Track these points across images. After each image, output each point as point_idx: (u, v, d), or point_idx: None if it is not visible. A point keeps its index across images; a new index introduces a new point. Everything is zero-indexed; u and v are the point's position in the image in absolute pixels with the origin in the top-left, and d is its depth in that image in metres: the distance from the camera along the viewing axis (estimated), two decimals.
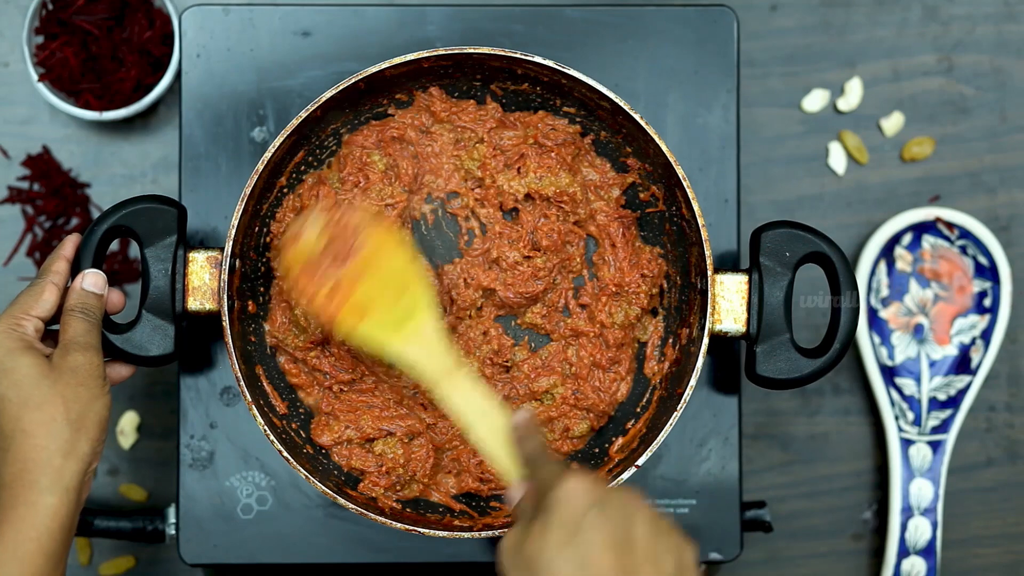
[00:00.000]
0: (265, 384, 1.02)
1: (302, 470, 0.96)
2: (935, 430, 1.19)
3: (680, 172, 0.98)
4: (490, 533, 0.97)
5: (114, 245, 1.19)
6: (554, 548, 0.78)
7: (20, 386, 0.91)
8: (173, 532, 1.09)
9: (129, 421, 1.19)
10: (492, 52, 0.99)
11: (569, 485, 0.80)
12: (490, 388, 0.93)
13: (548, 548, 0.78)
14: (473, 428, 0.91)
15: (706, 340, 0.98)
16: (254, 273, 1.03)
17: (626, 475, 0.97)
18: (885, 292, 1.19)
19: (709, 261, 0.98)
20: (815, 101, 1.22)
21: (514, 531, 0.82)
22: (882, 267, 1.19)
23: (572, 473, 0.81)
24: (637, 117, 0.98)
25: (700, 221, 0.98)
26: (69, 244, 0.98)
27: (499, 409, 0.91)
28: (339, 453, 1.01)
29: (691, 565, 0.80)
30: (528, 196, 1.03)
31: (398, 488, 1.01)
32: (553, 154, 1.03)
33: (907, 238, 1.19)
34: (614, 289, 1.03)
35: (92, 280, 0.96)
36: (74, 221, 1.20)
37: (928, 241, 1.19)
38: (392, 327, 0.95)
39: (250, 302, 1.02)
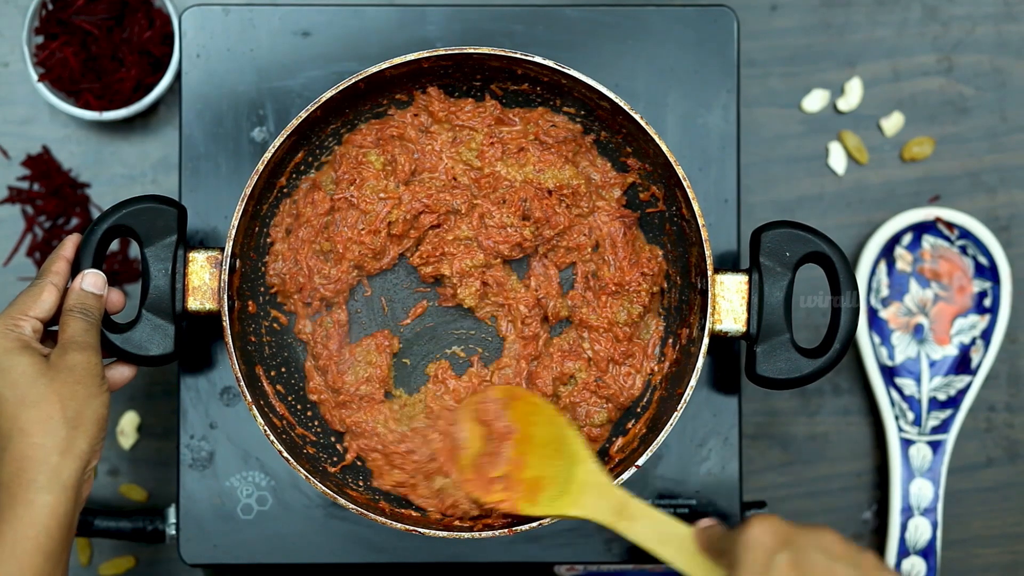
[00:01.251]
0: (265, 384, 1.02)
1: (302, 470, 0.96)
2: (935, 430, 1.19)
3: (680, 172, 0.98)
4: (490, 533, 0.97)
5: (114, 245, 1.19)
6: None
7: (17, 385, 0.91)
8: (173, 532, 1.09)
9: (129, 421, 1.19)
10: (492, 52, 0.99)
11: (752, 528, 0.79)
12: (665, 514, 0.94)
13: None
14: (659, 551, 0.92)
15: (706, 340, 0.98)
16: (254, 273, 1.03)
17: (626, 475, 0.97)
18: (885, 292, 1.19)
19: (709, 261, 0.98)
20: (815, 101, 1.22)
21: None
22: (882, 267, 1.19)
23: (754, 517, 0.81)
24: (637, 117, 0.98)
25: (700, 221, 0.98)
26: (69, 244, 0.98)
27: (676, 523, 0.92)
28: (396, 490, 1.03)
29: None
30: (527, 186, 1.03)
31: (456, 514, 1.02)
32: (553, 150, 1.03)
33: (907, 238, 1.19)
34: (614, 288, 1.03)
35: (92, 280, 0.96)
36: (74, 221, 1.20)
37: (928, 241, 1.19)
38: (564, 494, 0.96)
39: (250, 302, 1.02)
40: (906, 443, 1.19)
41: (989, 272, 1.19)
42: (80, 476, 0.91)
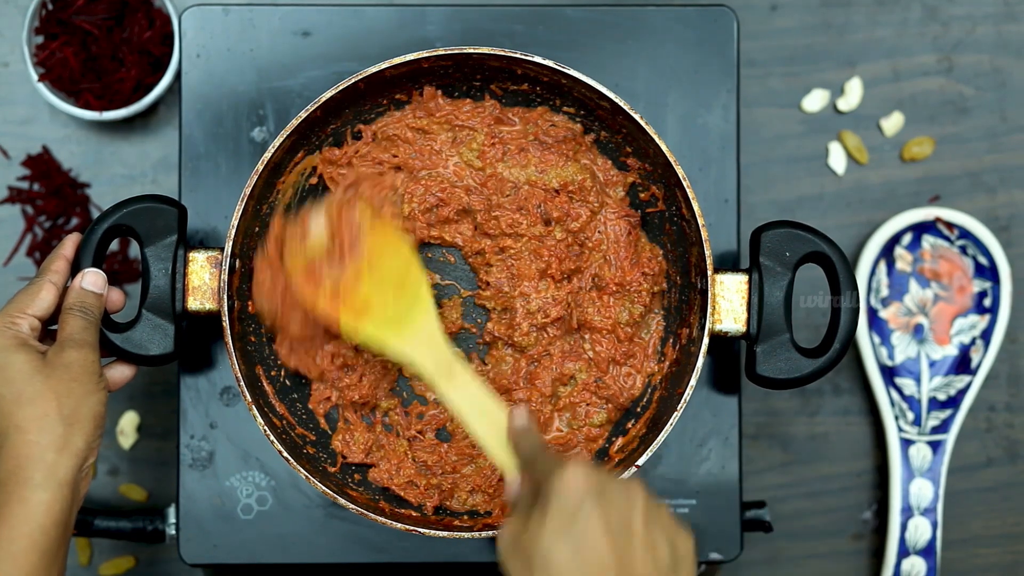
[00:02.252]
0: (265, 384, 1.02)
1: (302, 470, 0.96)
2: (935, 430, 1.19)
3: (680, 172, 0.98)
4: (490, 533, 0.97)
5: (114, 245, 1.19)
6: (551, 535, 0.78)
7: (13, 382, 0.91)
8: (173, 532, 1.09)
9: (129, 421, 1.19)
10: (492, 52, 0.99)
11: (567, 473, 0.80)
12: (486, 386, 0.93)
13: (545, 535, 0.78)
14: (472, 424, 0.92)
15: (706, 340, 0.98)
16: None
17: (626, 475, 0.97)
18: (885, 292, 1.19)
19: (709, 261, 0.98)
20: (815, 101, 1.22)
21: (512, 521, 0.82)
22: (882, 267, 1.19)
23: (571, 462, 0.81)
24: (637, 117, 0.98)
25: (700, 221, 0.98)
26: (69, 243, 0.98)
27: (497, 405, 0.92)
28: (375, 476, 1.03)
29: (688, 553, 0.81)
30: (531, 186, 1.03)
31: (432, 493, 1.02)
32: (553, 149, 1.03)
33: (907, 238, 1.19)
34: (615, 288, 1.03)
35: (91, 279, 0.96)
36: (74, 221, 1.20)
37: (928, 241, 1.19)
38: (392, 325, 0.95)
39: (250, 303, 1.02)
40: (906, 443, 1.19)
41: (989, 272, 1.19)
42: (77, 474, 0.91)
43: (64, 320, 0.95)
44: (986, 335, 1.19)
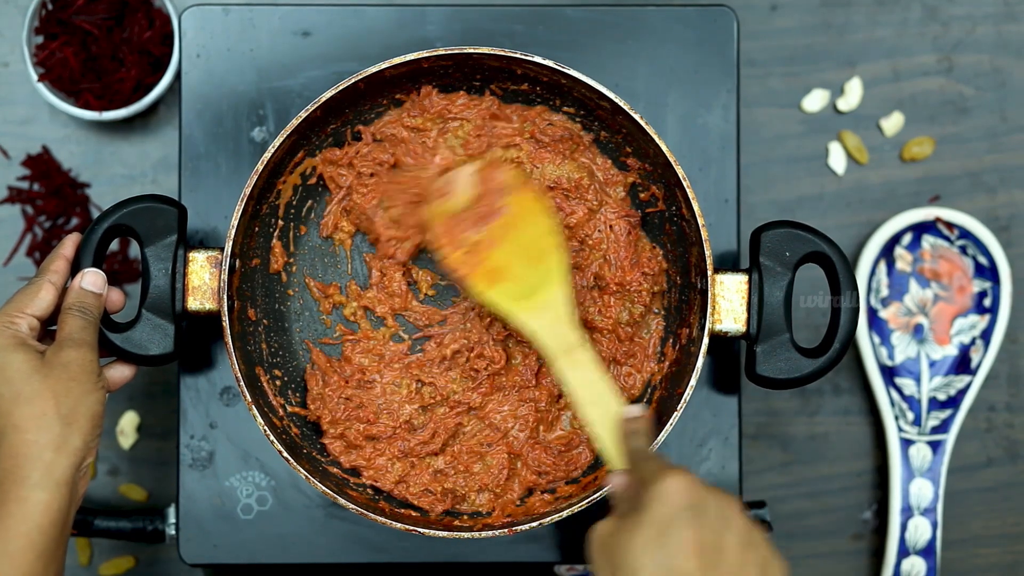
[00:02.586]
0: (265, 384, 1.02)
1: (302, 470, 0.96)
2: (935, 430, 1.19)
3: (680, 172, 0.98)
4: (490, 533, 0.97)
5: (114, 245, 1.19)
6: (642, 546, 0.77)
7: (11, 381, 0.91)
8: (173, 532, 1.09)
9: (129, 421, 1.19)
10: (492, 52, 0.99)
11: (667, 483, 0.79)
12: (608, 374, 0.92)
13: (635, 544, 0.78)
14: (584, 409, 0.91)
15: (706, 340, 0.98)
16: (252, 274, 1.03)
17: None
18: (885, 292, 1.19)
19: (709, 261, 0.98)
20: (815, 101, 1.22)
21: (607, 521, 0.82)
22: (882, 267, 1.19)
23: (673, 471, 0.80)
24: (637, 117, 0.98)
25: (700, 221, 0.98)
26: (69, 243, 0.98)
27: (614, 396, 0.91)
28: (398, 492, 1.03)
29: None
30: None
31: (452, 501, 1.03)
32: (550, 148, 1.03)
33: (907, 238, 1.19)
34: (615, 288, 1.03)
35: (91, 279, 0.96)
36: (74, 221, 1.20)
37: (928, 241, 1.19)
38: (523, 295, 0.95)
39: (250, 309, 1.02)
40: (906, 443, 1.19)
41: (989, 272, 1.19)
42: (74, 473, 0.91)
43: (63, 320, 0.95)
44: (986, 335, 1.19)
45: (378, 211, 1.03)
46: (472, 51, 0.99)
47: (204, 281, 0.99)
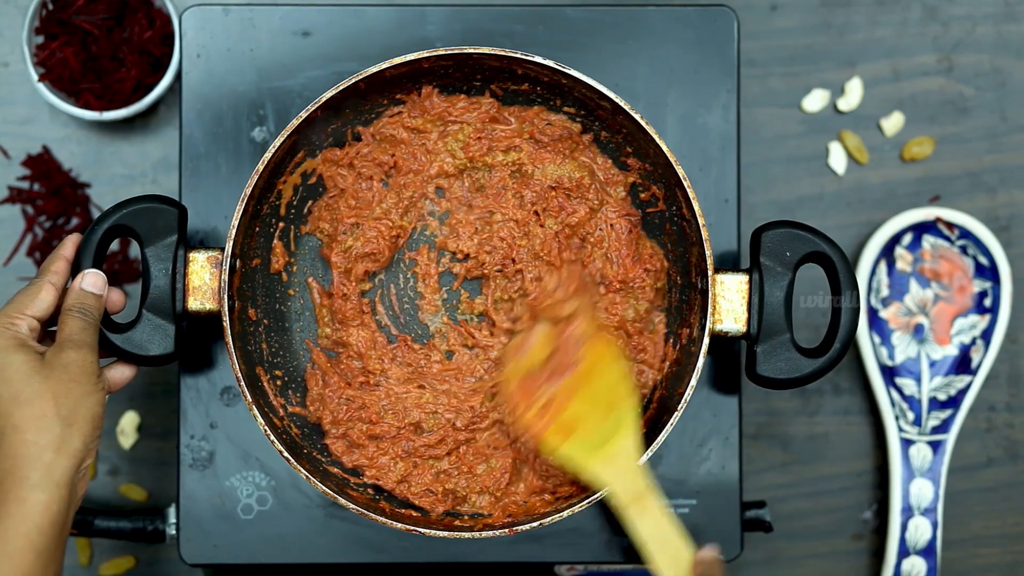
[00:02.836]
0: (265, 384, 1.02)
1: (302, 470, 0.96)
2: (935, 430, 1.19)
3: (680, 172, 0.98)
4: (491, 533, 0.97)
5: (114, 245, 1.19)
6: None
7: (11, 382, 0.91)
8: (173, 532, 1.09)
9: (129, 421, 1.19)
10: (492, 52, 0.99)
11: None
12: (675, 520, 0.92)
13: None
14: (654, 555, 0.91)
15: (706, 340, 0.98)
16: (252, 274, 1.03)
17: None
18: (885, 292, 1.19)
19: (709, 261, 0.98)
20: (815, 101, 1.22)
21: None
22: (882, 267, 1.19)
23: None
24: (637, 117, 0.98)
25: (700, 221, 0.98)
26: (69, 244, 0.98)
27: (683, 540, 0.91)
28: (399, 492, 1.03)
29: None
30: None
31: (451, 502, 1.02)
32: (549, 148, 1.03)
33: (907, 238, 1.19)
34: (619, 286, 1.03)
35: (91, 280, 0.96)
36: (74, 221, 1.20)
37: (928, 241, 1.19)
38: (595, 447, 0.95)
39: (250, 309, 1.02)
40: (906, 443, 1.19)
41: (989, 272, 1.19)
42: (74, 474, 0.91)
43: (63, 321, 0.95)
44: (986, 335, 1.19)
45: (339, 236, 1.03)
46: (472, 51, 0.99)
47: (204, 281, 0.99)
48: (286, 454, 0.96)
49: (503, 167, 1.04)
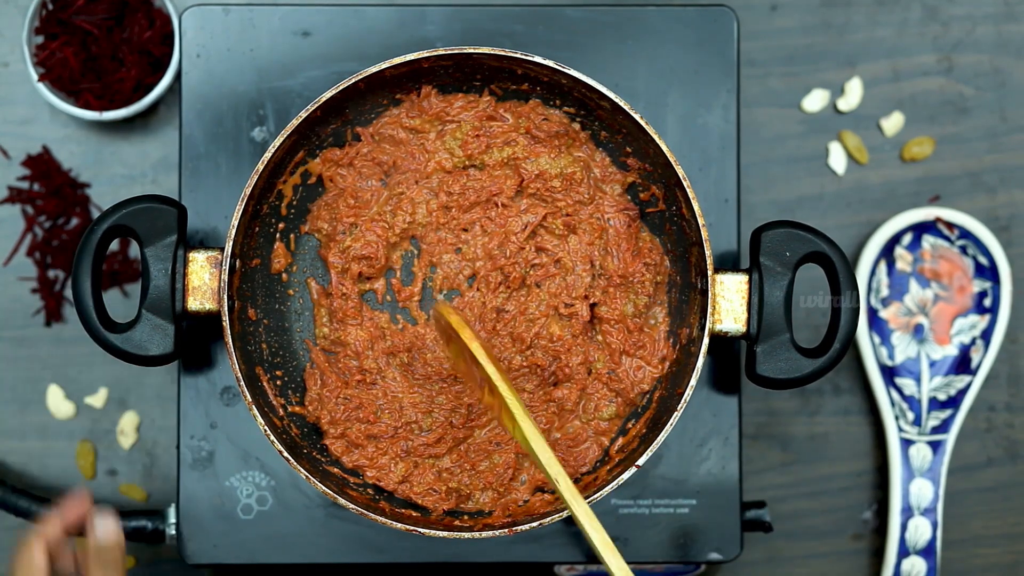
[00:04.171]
0: (265, 384, 1.02)
1: (302, 470, 0.96)
2: (935, 430, 1.19)
3: (680, 172, 0.98)
4: (490, 533, 0.97)
5: (114, 245, 1.19)
6: None
7: None
8: (173, 532, 1.09)
9: (129, 421, 1.19)
10: (492, 52, 0.99)
11: None
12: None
13: None
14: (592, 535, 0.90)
15: (706, 340, 0.98)
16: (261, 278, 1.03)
17: (626, 475, 0.97)
18: (885, 292, 1.19)
19: (709, 261, 0.98)
20: (815, 101, 1.22)
21: None
22: (882, 267, 1.19)
23: None
24: (637, 117, 0.98)
25: (700, 221, 0.98)
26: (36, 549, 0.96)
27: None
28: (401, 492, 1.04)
29: None
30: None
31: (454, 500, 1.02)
32: (544, 143, 1.03)
33: (907, 238, 1.19)
34: (619, 280, 1.04)
35: (103, 528, 0.96)
36: (74, 221, 1.20)
37: (928, 241, 1.19)
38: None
39: (250, 309, 1.02)
40: (906, 443, 1.19)
41: (989, 272, 1.19)
42: None
43: None
44: (986, 335, 1.19)
45: (338, 236, 1.03)
46: (472, 51, 0.99)
47: (204, 281, 0.99)
48: (286, 454, 0.96)
49: (499, 166, 1.04)
